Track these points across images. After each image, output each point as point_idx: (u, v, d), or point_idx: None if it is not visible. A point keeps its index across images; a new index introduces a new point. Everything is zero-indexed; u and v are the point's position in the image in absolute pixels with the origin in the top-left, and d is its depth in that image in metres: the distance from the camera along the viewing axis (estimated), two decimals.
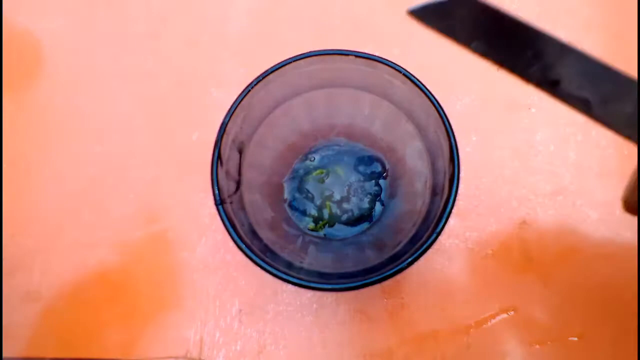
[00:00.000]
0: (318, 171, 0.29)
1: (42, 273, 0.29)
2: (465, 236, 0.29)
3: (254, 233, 0.23)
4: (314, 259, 0.25)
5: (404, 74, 0.22)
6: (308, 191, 0.29)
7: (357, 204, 0.29)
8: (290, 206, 0.29)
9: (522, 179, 0.30)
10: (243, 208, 0.23)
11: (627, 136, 0.15)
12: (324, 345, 0.28)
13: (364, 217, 0.28)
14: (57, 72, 0.33)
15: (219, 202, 0.21)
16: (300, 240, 0.27)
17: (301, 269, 0.22)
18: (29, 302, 0.29)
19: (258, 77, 0.22)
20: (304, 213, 0.29)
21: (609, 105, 0.15)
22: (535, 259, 0.29)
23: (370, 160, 0.29)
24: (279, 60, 0.22)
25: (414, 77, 0.22)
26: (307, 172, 0.29)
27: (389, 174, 0.29)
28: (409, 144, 0.26)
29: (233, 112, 0.22)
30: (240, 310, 0.28)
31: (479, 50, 0.15)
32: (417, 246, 0.21)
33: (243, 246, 0.20)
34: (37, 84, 0.33)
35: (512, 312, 0.28)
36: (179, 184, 0.30)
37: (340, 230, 0.28)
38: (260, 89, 0.23)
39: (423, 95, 0.22)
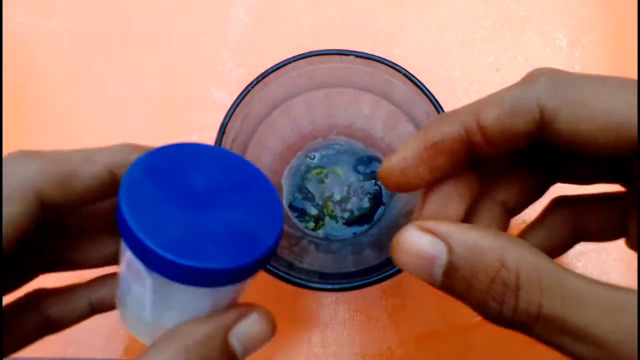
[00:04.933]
0: (317, 170, 0.29)
1: None
2: None
3: None
4: (314, 259, 0.25)
5: (404, 74, 0.22)
6: (308, 191, 0.29)
7: (357, 204, 0.29)
8: (290, 206, 0.29)
9: None
10: None
11: None
12: (324, 345, 0.28)
13: (364, 217, 0.28)
14: (56, 72, 0.33)
15: None
16: (300, 240, 0.27)
17: (301, 269, 0.22)
18: None
19: (258, 77, 0.22)
20: (304, 213, 0.29)
21: None
22: None
23: (369, 160, 0.29)
24: (279, 60, 0.22)
25: (414, 77, 0.22)
26: (307, 170, 0.29)
27: None
28: None
29: (233, 112, 0.22)
30: None
31: None
32: None
33: None
34: (36, 84, 0.33)
35: None
36: None
37: (340, 231, 0.28)
38: (260, 89, 0.23)
39: (423, 95, 0.22)
